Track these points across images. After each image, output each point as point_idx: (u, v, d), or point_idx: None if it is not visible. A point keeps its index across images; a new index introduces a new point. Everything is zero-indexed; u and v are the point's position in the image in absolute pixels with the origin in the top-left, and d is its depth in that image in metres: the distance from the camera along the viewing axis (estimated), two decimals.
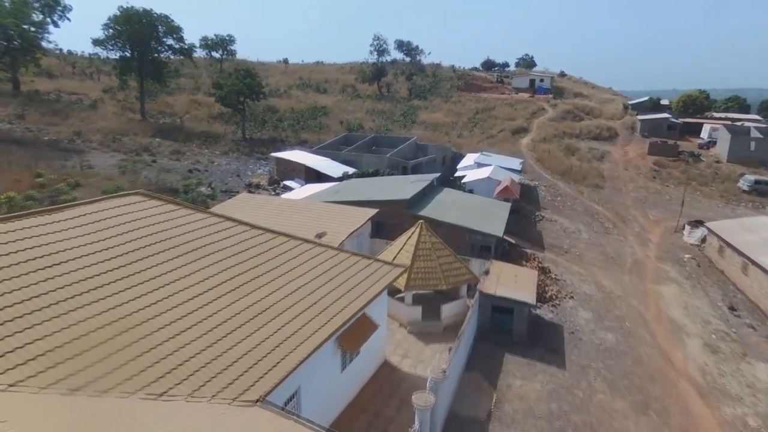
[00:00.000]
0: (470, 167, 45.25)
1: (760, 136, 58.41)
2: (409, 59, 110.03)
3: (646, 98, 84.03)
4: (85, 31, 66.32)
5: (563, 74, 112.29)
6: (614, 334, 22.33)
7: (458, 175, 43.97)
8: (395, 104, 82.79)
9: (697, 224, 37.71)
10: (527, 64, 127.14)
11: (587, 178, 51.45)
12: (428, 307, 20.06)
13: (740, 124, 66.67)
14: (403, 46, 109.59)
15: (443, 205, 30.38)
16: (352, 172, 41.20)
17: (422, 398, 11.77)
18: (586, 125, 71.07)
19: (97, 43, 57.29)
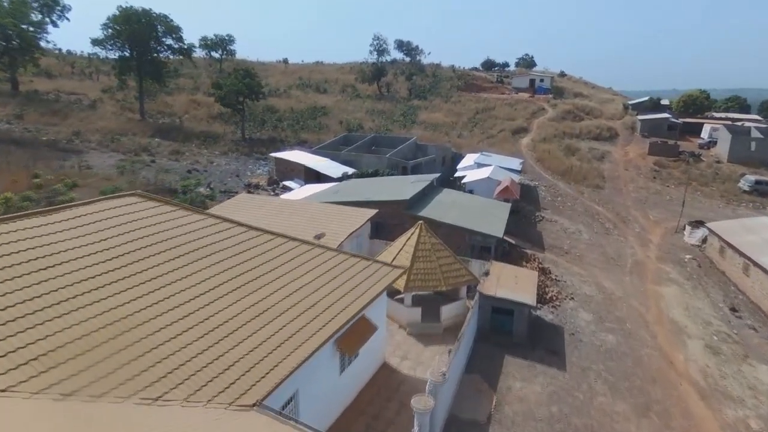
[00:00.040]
0: (470, 167, 45.15)
1: (760, 136, 58.30)
2: (408, 59, 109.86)
3: (646, 98, 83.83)
4: (84, 30, 66.28)
5: (563, 74, 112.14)
6: (615, 335, 22.20)
7: (458, 175, 43.86)
8: (395, 104, 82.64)
9: (697, 224, 37.57)
10: (527, 64, 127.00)
11: (587, 178, 51.32)
12: (428, 308, 19.94)
13: (740, 124, 66.54)
14: (402, 45, 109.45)
15: (443, 205, 30.27)
16: (351, 172, 41.09)
17: (421, 401, 11.65)
18: (586, 125, 70.92)
19: (96, 42, 57.18)
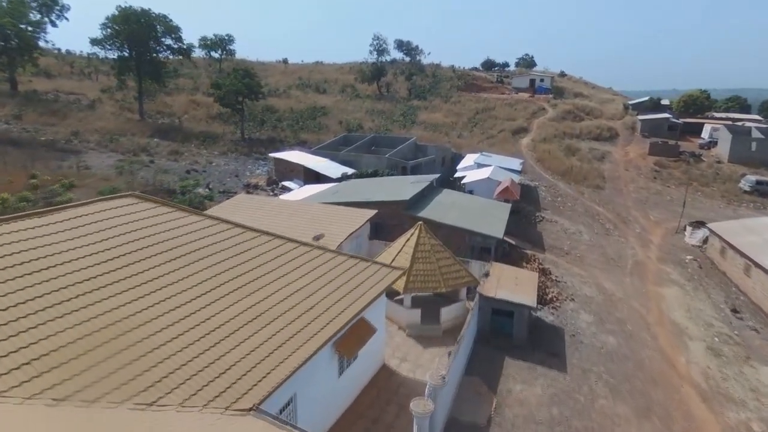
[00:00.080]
0: (470, 168, 45.03)
1: (761, 136, 58.18)
2: (408, 59, 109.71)
3: (646, 98, 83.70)
4: (83, 30, 66.22)
5: (563, 74, 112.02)
6: (616, 337, 22.06)
7: (458, 175, 43.75)
8: (395, 104, 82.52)
9: (698, 225, 37.44)
10: (527, 64, 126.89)
11: (588, 178, 51.20)
12: (427, 309, 19.79)
13: (741, 124, 66.43)
14: (402, 45, 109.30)
15: (443, 206, 30.14)
16: (351, 172, 40.97)
17: (421, 405, 11.50)
18: (586, 125, 70.80)
19: (95, 42, 57.12)
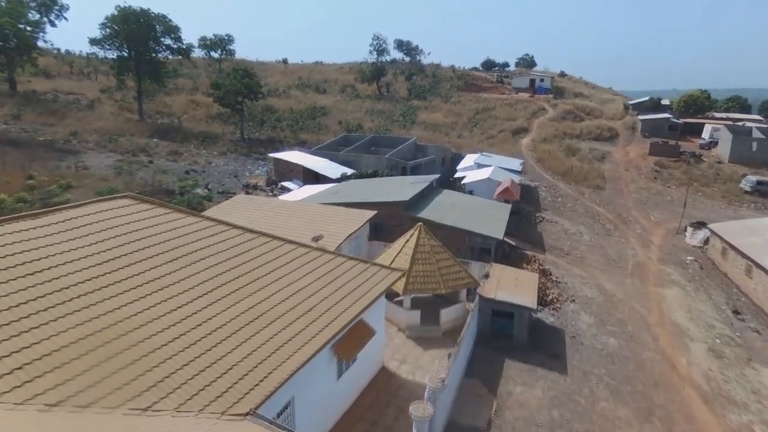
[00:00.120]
0: (470, 168, 44.89)
1: (762, 136, 58.04)
2: (408, 59, 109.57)
3: (646, 98, 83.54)
4: (83, 30, 66.06)
5: (563, 74, 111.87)
6: (616, 338, 21.92)
7: (458, 176, 43.62)
8: (395, 104, 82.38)
9: (699, 225, 37.30)
10: (527, 64, 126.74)
11: (588, 178, 51.08)
12: (427, 311, 19.65)
13: (742, 124, 66.30)
14: (402, 45, 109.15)
15: (442, 206, 30.00)
16: (350, 173, 40.83)
17: (420, 409, 11.37)
18: (586, 125, 70.67)
19: (94, 42, 56.99)
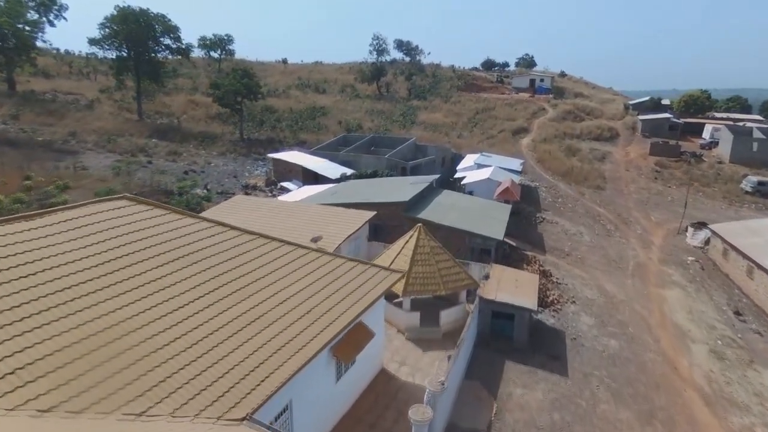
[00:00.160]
0: (470, 168, 44.75)
1: (762, 136, 57.88)
2: (408, 59, 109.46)
3: (646, 98, 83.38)
4: (82, 30, 65.82)
5: (563, 74, 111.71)
6: (617, 340, 21.79)
7: (458, 176, 43.48)
8: (394, 104, 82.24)
9: (700, 226, 37.16)
10: (527, 64, 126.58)
11: (588, 179, 50.93)
12: (427, 312, 19.51)
13: (742, 124, 66.16)
14: (402, 45, 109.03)
15: (442, 207, 29.87)
16: (350, 173, 40.70)
17: (419, 412, 11.24)
18: (586, 125, 70.53)
19: (93, 42, 56.80)
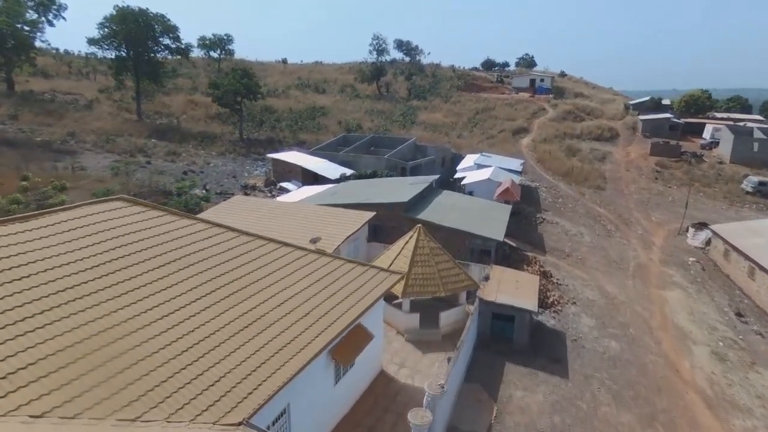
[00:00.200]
0: (470, 168, 44.62)
1: (763, 136, 57.73)
2: (408, 59, 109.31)
3: (647, 98, 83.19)
4: (81, 30, 65.78)
5: (564, 74, 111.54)
6: (618, 341, 21.66)
7: (458, 176, 43.35)
8: (394, 104, 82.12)
9: (701, 226, 37.02)
10: (527, 63, 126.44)
11: (589, 179, 50.78)
12: (426, 314, 19.37)
13: (743, 124, 66.01)
14: (402, 45, 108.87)
15: (442, 207, 29.74)
16: (349, 173, 40.57)
17: (419, 416, 11.11)
18: (587, 126, 70.38)
19: (92, 42, 56.72)
